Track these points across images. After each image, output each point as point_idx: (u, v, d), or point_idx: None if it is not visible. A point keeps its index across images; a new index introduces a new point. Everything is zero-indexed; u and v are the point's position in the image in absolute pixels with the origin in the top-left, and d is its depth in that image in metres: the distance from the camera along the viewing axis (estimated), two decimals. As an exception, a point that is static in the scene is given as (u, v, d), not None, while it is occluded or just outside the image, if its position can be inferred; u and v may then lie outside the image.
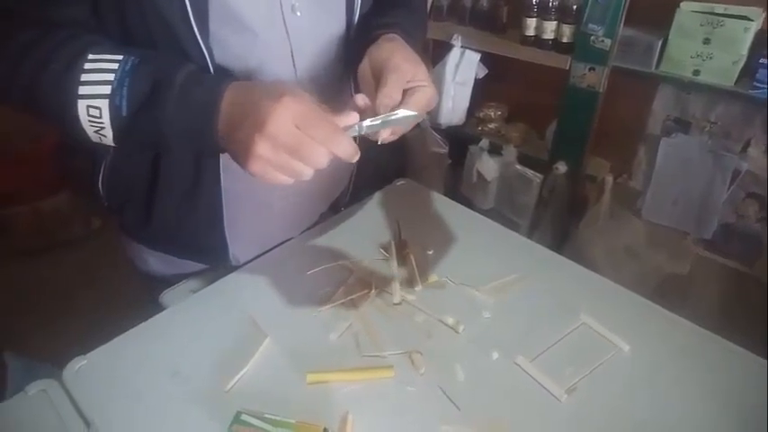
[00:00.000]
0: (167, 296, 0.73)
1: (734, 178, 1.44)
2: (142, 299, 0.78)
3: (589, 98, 1.45)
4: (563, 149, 1.58)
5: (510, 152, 1.69)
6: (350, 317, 0.65)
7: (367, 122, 0.51)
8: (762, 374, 0.58)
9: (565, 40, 1.47)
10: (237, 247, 0.71)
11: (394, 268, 0.72)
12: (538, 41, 1.52)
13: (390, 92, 0.52)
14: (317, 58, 0.63)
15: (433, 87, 0.56)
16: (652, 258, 1.56)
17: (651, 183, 1.55)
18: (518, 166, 1.68)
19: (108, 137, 0.51)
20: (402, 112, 0.52)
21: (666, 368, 0.59)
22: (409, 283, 0.70)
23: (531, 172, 1.65)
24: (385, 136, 0.53)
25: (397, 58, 0.55)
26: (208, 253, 0.71)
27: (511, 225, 1.75)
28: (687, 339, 0.63)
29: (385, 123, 0.52)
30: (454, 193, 1.88)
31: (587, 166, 1.63)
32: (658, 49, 1.35)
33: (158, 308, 0.70)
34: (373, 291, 0.68)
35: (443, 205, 0.86)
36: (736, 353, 0.61)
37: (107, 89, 0.48)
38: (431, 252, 0.76)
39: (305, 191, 0.73)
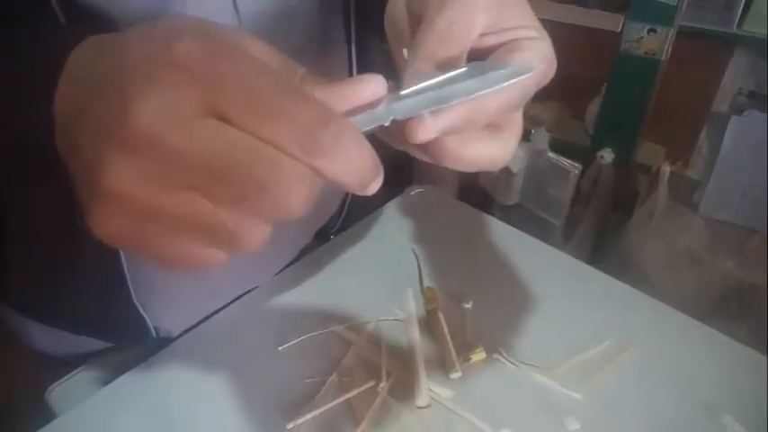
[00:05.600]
0: (56, 393, 0.46)
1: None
2: (32, 389, 0.51)
3: (647, 68, 1.19)
4: (609, 133, 1.33)
5: (540, 137, 1.45)
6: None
7: (409, 93, 0.22)
8: None
9: (616, -6, 1.20)
10: (162, 315, 0.44)
11: (415, 339, 0.45)
12: (580, -3, 1.26)
13: (435, 34, 0.24)
14: None
15: (547, 40, 0.27)
16: (719, 264, 1.31)
17: (714, 171, 1.34)
18: (551, 154, 1.43)
19: None
20: (480, 66, 0.23)
21: None
22: (441, 364, 0.44)
23: (568, 161, 1.40)
24: (446, 123, 0.22)
25: None
26: (113, 328, 0.44)
27: (541, 225, 1.55)
28: None
29: (447, 94, 0.22)
30: (469, 186, 1.65)
31: (638, 153, 1.37)
32: (742, 3, 1.08)
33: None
34: (384, 382, 0.42)
35: (485, 227, 0.58)
36: None
37: None
38: (469, 305, 0.49)
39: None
